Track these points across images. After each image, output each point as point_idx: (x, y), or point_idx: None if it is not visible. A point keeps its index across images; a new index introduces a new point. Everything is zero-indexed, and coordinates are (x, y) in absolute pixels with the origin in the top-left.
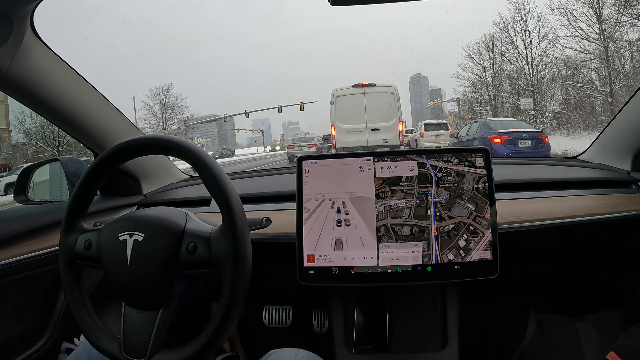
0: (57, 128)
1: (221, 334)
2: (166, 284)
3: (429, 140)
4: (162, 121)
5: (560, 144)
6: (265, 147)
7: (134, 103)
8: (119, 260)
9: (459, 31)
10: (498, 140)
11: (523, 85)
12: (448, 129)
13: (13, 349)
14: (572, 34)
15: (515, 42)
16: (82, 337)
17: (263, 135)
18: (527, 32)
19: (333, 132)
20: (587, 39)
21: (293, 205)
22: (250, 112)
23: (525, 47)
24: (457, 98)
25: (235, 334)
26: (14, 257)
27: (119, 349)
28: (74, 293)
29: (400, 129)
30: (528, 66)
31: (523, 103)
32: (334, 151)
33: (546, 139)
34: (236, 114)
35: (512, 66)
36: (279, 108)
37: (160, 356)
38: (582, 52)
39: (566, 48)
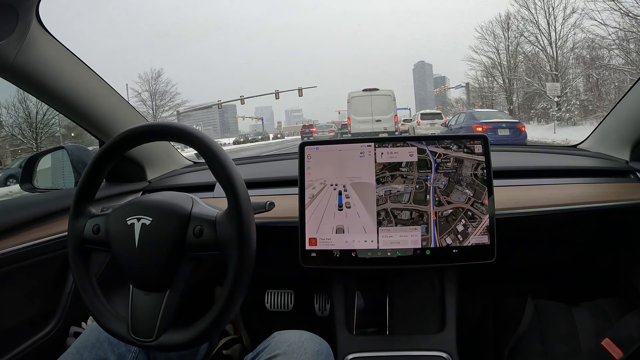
0: (35, 120)
1: (225, 315)
2: (173, 266)
3: (424, 128)
4: (152, 109)
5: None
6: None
7: (127, 90)
8: (127, 243)
9: (461, 18)
10: (480, 129)
11: (546, 69)
12: (442, 118)
13: (22, 333)
14: (609, 7)
15: (536, 19)
16: (89, 321)
17: (263, 122)
18: (551, 8)
19: (349, 122)
20: (627, 14)
21: (296, 190)
22: (245, 98)
23: (549, 25)
24: (467, 84)
25: (238, 318)
26: (22, 243)
27: (127, 330)
28: (83, 276)
29: (395, 120)
30: (551, 47)
31: (549, 88)
32: (349, 136)
33: (523, 129)
34: (231, 101)
35: (532, 47)
36: (276, 94)
37: (167, 337)
38: (620, 29)
39: (598, 25)
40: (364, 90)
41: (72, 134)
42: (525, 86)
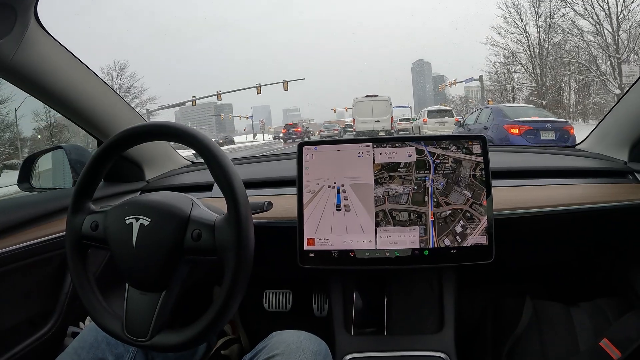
0: None
1: (222, 318)
2: (170, 268)
3: (432, 128)
4: None
5: None
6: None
7: None
8: (125, 243)
9: (460, 18)
10: (516, 130)
11: (606, 49)
12: (453, 116)
13: (20, 333)
14: None
15: None
16: (87, 321)
17: (252, 121)
18: None
19: (354, 122)
20: None
21: (294, 190)
22: (222, 93)
23: None
24: (480, 76)
25: (236, 318)
26: (20, 243)
27: (122, 328)
28: (80, 273)
29: (392, 120)
30: (610, 21)
31: (626, 72)
32: (354, 134)
33: (572, 131)
34: (207, 97)
35: (581, 23)
36: (258, 88)
37: (161, 337)
38: None
39: None
40: (366, 96)
41: (39, 136)
42: (581, 73)
